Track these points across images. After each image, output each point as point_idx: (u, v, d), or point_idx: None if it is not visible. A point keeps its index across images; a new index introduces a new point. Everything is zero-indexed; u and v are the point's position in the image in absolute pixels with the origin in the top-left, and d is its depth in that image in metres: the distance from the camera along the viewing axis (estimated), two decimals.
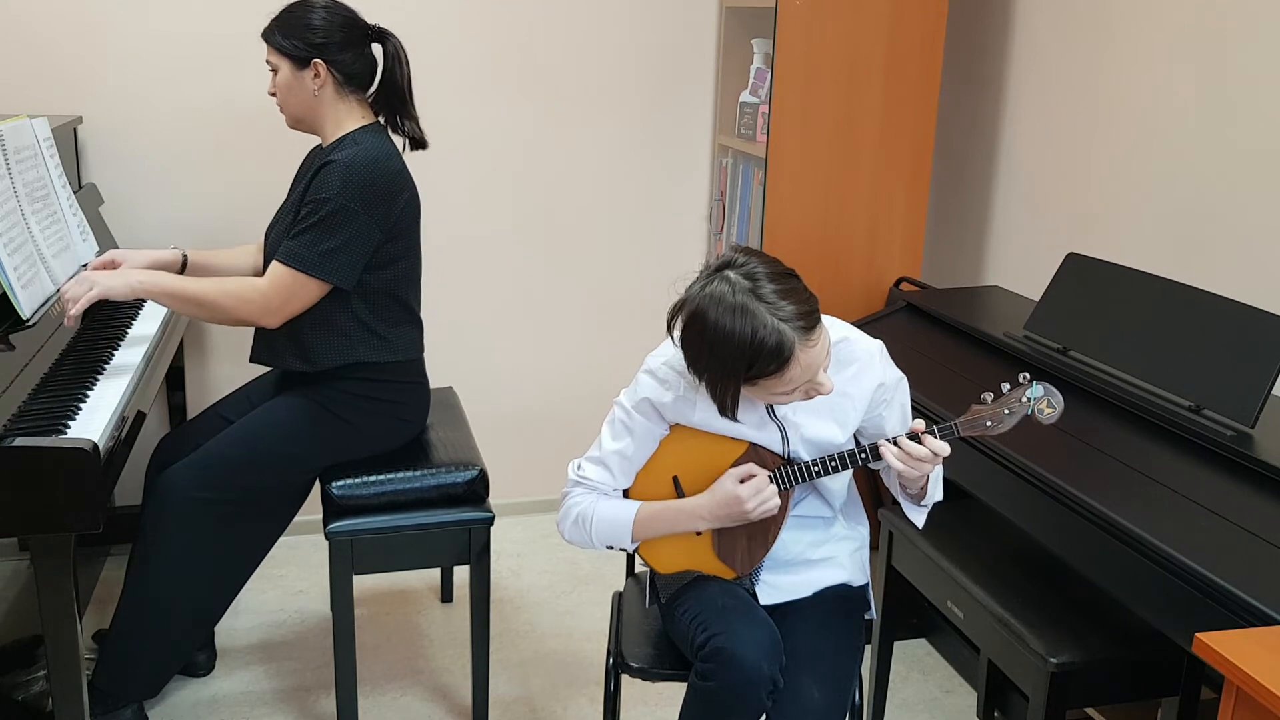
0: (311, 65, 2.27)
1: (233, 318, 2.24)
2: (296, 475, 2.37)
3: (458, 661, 2.77)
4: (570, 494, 1.89)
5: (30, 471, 1.75)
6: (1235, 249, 2.40)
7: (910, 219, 3.13)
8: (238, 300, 2.22)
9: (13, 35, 2.86)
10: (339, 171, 2.21)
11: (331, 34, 2.27)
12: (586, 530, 1.86)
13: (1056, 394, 1.71)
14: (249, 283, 2.24)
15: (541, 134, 3.30)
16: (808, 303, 1.62)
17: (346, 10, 2.32)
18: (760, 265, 1.62)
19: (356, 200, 2.21)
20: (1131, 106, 2.67)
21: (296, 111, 2.34)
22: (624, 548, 1.89)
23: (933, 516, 2.37)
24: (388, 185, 2.25)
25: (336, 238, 2.21)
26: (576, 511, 1.87)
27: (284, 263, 2.22)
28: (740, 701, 1.72)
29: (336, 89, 2.31)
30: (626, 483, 1.90)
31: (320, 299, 2.27)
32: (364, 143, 2.28)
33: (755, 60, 3.21)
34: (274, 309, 2.23)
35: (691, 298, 1.63)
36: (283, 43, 2.27)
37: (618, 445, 1.87)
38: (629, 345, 3.47)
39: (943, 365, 2.57)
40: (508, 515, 3.53)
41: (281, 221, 2.36)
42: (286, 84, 2.30)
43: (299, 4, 2.30)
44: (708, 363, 1.64)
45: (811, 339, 1.61)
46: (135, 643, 2.30)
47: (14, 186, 2.30)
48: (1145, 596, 1.74)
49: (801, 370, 1.62)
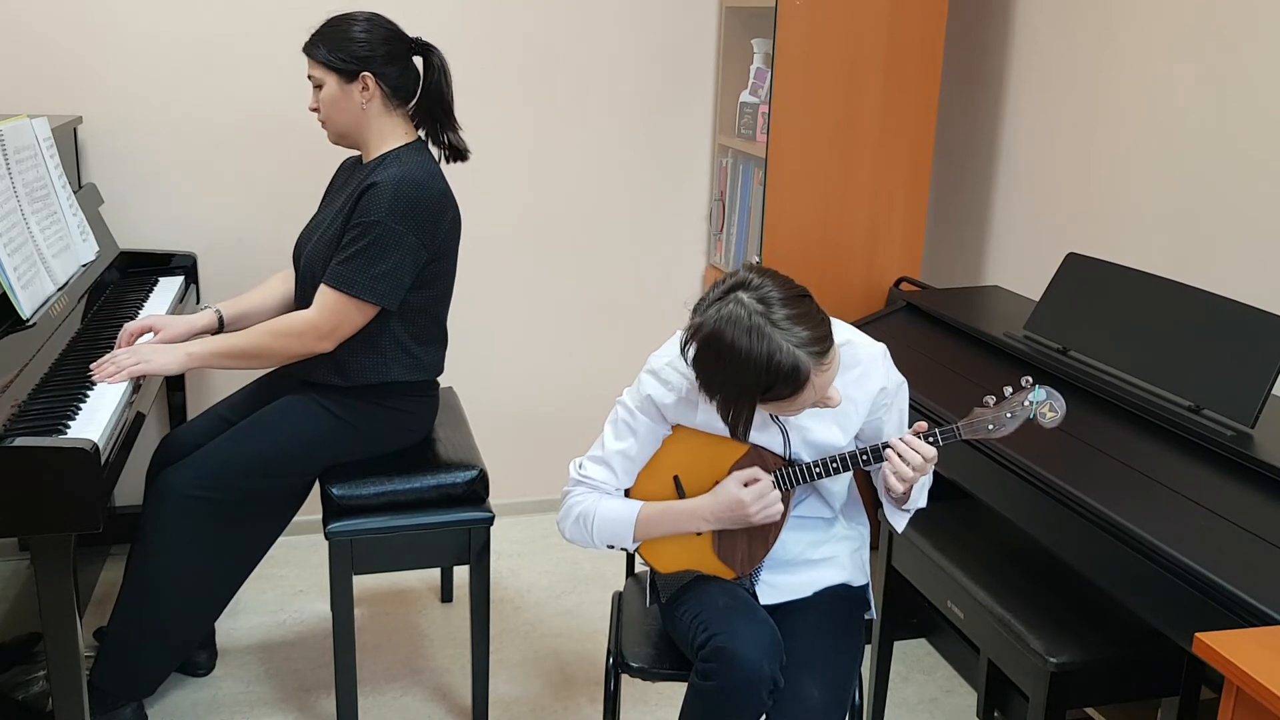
0: (360, 79, 2.26)
1: (289, 356, 2.27)
2: (297, 477, 2.37)
3: (458, 661, 2.77)
4: (572, 493, 1.89)
5: (30, 471, 1.75)
6: (1235, 249, 2.40)
7: (910, 219, 3.13)
8: (290, 338, 2.24)
9: (13, 35, 2.86)
10: (386, 194, 2.20)
11: (375, 47, 2.26)
12: (588, 530, 1.86)
13: (1059, 398, 1.71)
14: (296, 317, 2.25)
15: (541, 134, 3.30)
16: (820, 326, 1.61)
17: (388, 23, 2.31)
18: (774, 288, 1.61)
19: (404, 222, 2.20)
20: (1131, 106, 2.67)
21: (342, 126, 2.32)
22: (625, 548, 1.89)
23: (933, 516, 2.38)
24: (434, 206, 2.25)
25: (387, 261, 2.21)
26: (578, 510, 1.87)
27: (334, 287, 2.22)
28: (740, 701, 1.72)
29: (384, 102, 2.30)
30: (629, 482, 1.90)
31: (379, 320, 2.28)
32: (408, 162, 2.26)
33: (755, 60, 3.21)
34: (326, 334, 2.25)
35: (707, 321, 1.61)
36: (329, 57, 2.26)
37: (621, 445, 1.87)
38: (629, 345, 3.47)
39: (943, 365, 2.57)
40: (508, 515, 3.53)
41: (319, 239, 2.34)
42: (333, 98, 2.29)
43: (340, 17, 2.29)
44: (723, 385, 1.63)
45: (825, 363, 1.62)
46: (134, 641, 2.30)
47: (14, 186, 2.30)
48: (1145, 596, 1.74)
49: (814, 391, 1.63)
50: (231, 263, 3.14)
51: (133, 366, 2.16)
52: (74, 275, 2.46)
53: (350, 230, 2.23)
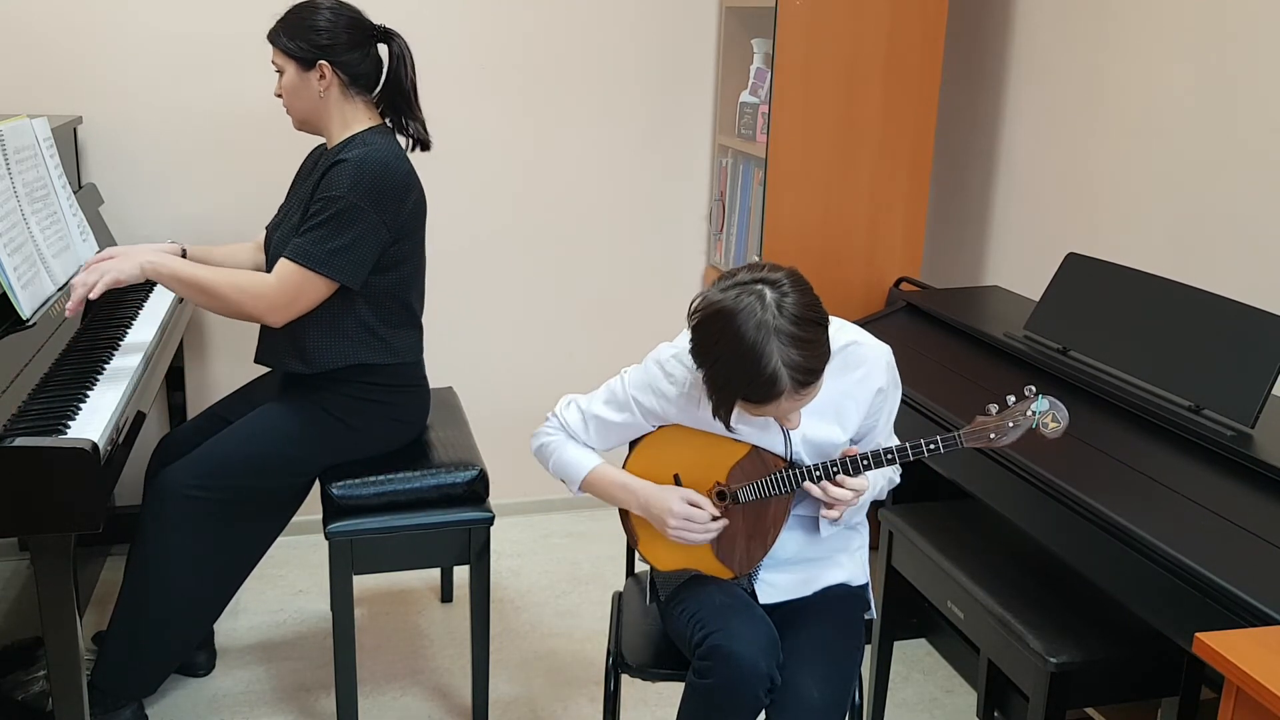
0: (317, 67, 2.27)
1: (238, 311, 2.24)
2: (295, 477, 2.37)
3: (458, 661, 2.77)
4: (549, 421, 2.00)
5: (30, 471, 1.75)
6: (1235, 249, 2.40)
7: (910, 219, 3.13)
8: (245, 294, 2.22)
9: (12, 35, 2.86)
10: (349, 170, 2.21)
11: (337, 35, 2.27)
12: (546, 460, 1.99)
13: (1062, 408, 1.70)
14: (258, 277, 2.24)
15: (541, 134, 3.30)
16: (817, 360, 1.62)
17: (352, 11, 2.31)
18: (796, 304, 1.61)
19: (366, 199, 2.21)
20: (1131, 106, 2.67)
21: (302, 113, 2.35)
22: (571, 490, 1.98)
23: (933, 516, 2.38)
24: (397, 185, 2.25)
25: (345, 236, 2.21)
26: (546, 440, 1.99)
27: (292, 259, 2.22)
28: (737, 699, 1.72)
29: (342, 90, 2.31)
30: (600, 445, 1.97)
31: (327, 299, 2.27)
32: (373, 143, 2.27)
33: (755, 60, 3.21)
34: (280, 306, 2.23)
35: (726, 299, 1.62)
36: (288, 44, 2.27)
37: (604, 413, 1.94)
38: (629, 345, 3.47)
39: (943, 366, 2.57)
40: (508, 515, 3.53)
41: (285, 222, 2.36)
42: (292, 86, 2.31)
43: (304, 5, 2.30)
44: (715, 362, 1.64)
45: (802, 394, 1.64)
46: (134, 641, 2.30)
47: (14, 186, 2.29)
48: (1145, 596, 1.74)
49: (778, 411, 1.67)
50: None
51: (95, 282, 2.13)
52: (74, 275, 2.46)
53: (313, 204, 2.24)
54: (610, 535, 3.45)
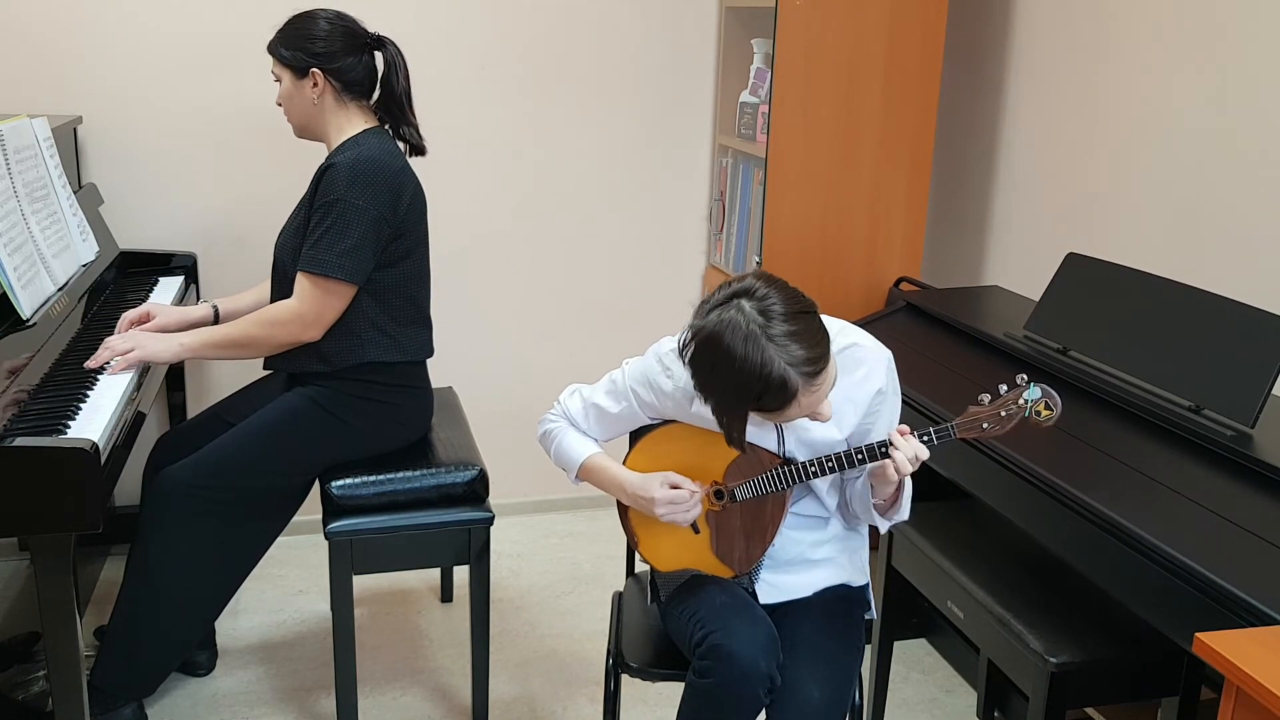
0: (310, 74, 2.32)
1: (277, 343, 2.30)
2: (296, 476, 2.37)
3: (458, 661, 2.77)
4: (554, 409, 2.03)
5: (30, 471, 1.75)
6: (1235, 249, 2.40)
7: (910, 219, 3.13)
8: (276, 325, 2.28)
9: (12, 35, 2.86)
10: (342, 171, 2.24)
11: (330, 43, 2.32)
12: (549, 447, 2.02)
13: (1055, 396, 1.70)
14: (280, 306, 2.29)
15: (542, 134, 3.30)
16: (817, 346, 1.59)
17: (347, 20, 2.36)
18: (777, 300, 1.59)
19: (363, 196, 2.23)
20: (1131, 106, 2.67)
21: (299, 120, 2.40)
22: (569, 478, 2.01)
23: (933, 516, 2.38)
24: (392, 180, 2.28)
25: (351, 236, 2.24)
26: (550, 428, 2.02)
27: (307, 271, 2.25)
28: (737, 699, 1.72)
29: (336, 97, 2.35)
30: (600, 435, 1.99)
31: (351, 301, 2.30)
32: (365, 144, 2.30)
33: (755, 60, 3.21)
34: (311, 322, 2.27)
35: (707, 324, 1.60)
36: (284, 54, 2.34)
37: (604, 403, 1.95)
38: (629, 345, 3.47)
39: (942, 365, 2.57)
40: (508, 515, 3.53)
41: (287, 228, 2.39)
42: (288, 94, 2.37)
43: (302, 15, 2.35)
44: (717, 389, 1.62)
45: (815, 384, 1.60)
46: (134, 641, 2.30)
47: (14, 186, 2.30)
48: (1145, 596, 1.74)
49: (801, 409, 1.63)
50: (231, 263, 3.14)
51: (128, 353, 2.20)
52: (74, 275, 2.46)
53: (314, 214, 2.27)
54: (610, 535, 3.45)
